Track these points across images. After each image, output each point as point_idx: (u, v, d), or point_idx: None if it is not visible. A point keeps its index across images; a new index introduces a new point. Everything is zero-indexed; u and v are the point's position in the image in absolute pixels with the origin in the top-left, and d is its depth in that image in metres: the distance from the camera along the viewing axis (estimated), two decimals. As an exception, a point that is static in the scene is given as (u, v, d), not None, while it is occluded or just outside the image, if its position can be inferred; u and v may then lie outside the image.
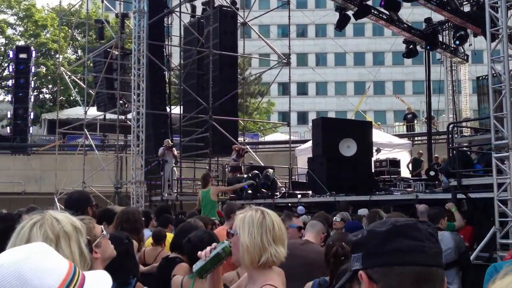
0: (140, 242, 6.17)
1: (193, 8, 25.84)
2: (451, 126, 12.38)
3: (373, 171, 17.79)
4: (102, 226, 3.16)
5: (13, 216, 4.42)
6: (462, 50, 24.49)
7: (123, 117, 24.74)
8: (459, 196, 10.47)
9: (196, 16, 25.29)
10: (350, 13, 21.34)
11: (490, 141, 9.87)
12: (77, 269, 1.66)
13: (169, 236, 7.49)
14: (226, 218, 7.59)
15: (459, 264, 7.57)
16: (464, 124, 19.75)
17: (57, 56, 42.25)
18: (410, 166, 21.24)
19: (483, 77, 18.53)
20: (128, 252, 4.55)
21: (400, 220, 1.61)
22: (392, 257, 1.51)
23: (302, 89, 72.58)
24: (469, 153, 13.57)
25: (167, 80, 24.64)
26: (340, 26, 22.10)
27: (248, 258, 2.76)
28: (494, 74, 10.39)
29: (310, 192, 16.51)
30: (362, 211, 10.31)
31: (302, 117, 67.67)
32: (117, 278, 4.22)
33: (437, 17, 22.51)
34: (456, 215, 9.12)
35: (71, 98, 44.95)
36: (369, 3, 21.23)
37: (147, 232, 8.29)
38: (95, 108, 27.07)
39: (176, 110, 24.69)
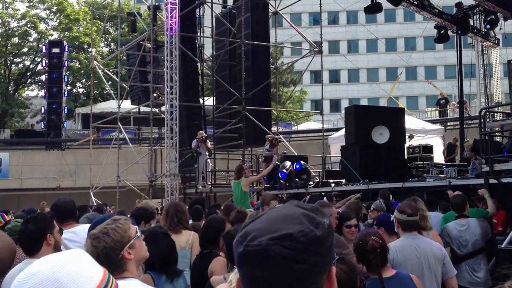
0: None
1: (224, -2, 26.00)
2: (483, 111, 12.34)
3: (406, 157, 17.76)
4: (137, 227, 3.16)
5: (46, 216, 4.54)
6: (493, 34, 24.23)
7: (157, 110, 25.00)
8: (492, 181, 10.49)
9: (228, 7, 25.36)
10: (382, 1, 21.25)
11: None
12: (110, 277, 1.78)
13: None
14: (262, 209, 7.74)
15: (486, 251, 7.53)
16: (496, 108, 19.57)
17: (90, 49, 42.82)
18: (445, 152, 21.17)
19: (514, 60, 18.36)
20: (174, 245, 4.74)
21: None
22: None
23: (334, 77, 72.29)
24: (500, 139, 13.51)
25: (199, 71, 24.80)
26: (372, 12, 22.02)
27: None
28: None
29: (343, 180, 16.59)
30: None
31: (335, 105, 67.51)
32: (168, 271, 4.44)
33: (468, 1, 22.30)
34: (489, 201, 9.13)
35: (105, 92, 45.35)
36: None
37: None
38: (128, 101, 27.37)
39: (209, 101, 24.87)
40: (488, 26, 22.41)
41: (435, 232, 6.91)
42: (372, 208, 8.20)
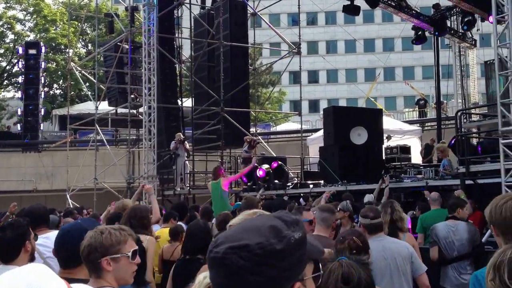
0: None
1: (203, -1, 25.94)
2: (459, 113, 12.44)
3: (384, 158, 17.85)
4: (137, 249, 3.11)
5: (23, 222, 4.43)
6: (470, 35, 24.44)
7: (135, 111, 24.88)
8: (468, 182, 10.57)
9: (206, 8, 25.32)
10: (359, 1, 21.29)
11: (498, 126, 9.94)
12: None
13: (164, 231, 7.63)
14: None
15: (473, 256, 7.51)
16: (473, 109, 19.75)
17: (67, 51, 42.42)
18: (422, 152, 21.28)
19: (491, 61, 18.53)
20: (144, 251, 4.67)
21: None
22: None
23: (313, 77, 72.54)
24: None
25: (178, 73, 24.74)
26: (350, 13, 22.06)
27: None
28: (500, 59, 10.45)
29: (322, 181, 16.61)
30: (368, 197, 10.39)
31: (314, 106, 67.74)
32: (135, 280, 4.36)
33: (445, 2, 22.46)
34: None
35: (82, 93, 45.02)
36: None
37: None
38: (106, 102, 27.17)
39: (187, 103, 24.80)
40: (465, 27, 22.64)
41: (411, 234, 6.92)
42: (338, 209, 8.22)
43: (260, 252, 1.37)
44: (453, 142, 12.97)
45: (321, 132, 20.56)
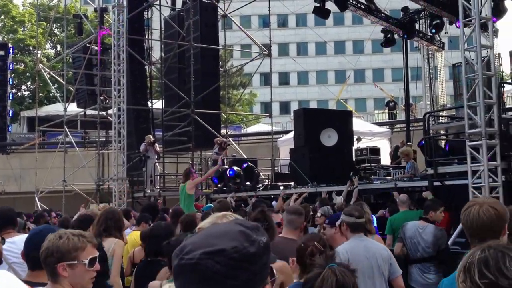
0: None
1: (173, 1, 25.82)
2: (427, 115, 12.59)
3: (354, 160, 17.97)
4: (96, 256, 3.07)
5: None
6: (438, 38, 24.76)
7: (104, 113, 24.70)
8: (436, 183, 10.70)
9: (176, 9, 25.23)
10: (329, 4, 21.41)
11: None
12: None
13: (135, 234, 7.60)
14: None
15: (437, 260, 7.61)
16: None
17: (36, 52, 41.93)
18: (392, 154, 21.47)
19: (459, 64, 18.80)
20: (105, 258, 4.65)
21: None
22: None
23: (284, 79, 72.76)
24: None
25: (148, 74, 24.61)
26: (320, 14, 22.14)
27: None
28: (467, 62, 10.59)
29: (292, 183, 16.64)
30: (338, 199, 10.46)
31: (285, 107, 67.94)
32: (95, 285, 4.34)
33: (414, 5, 22.71)
34: (432, 204, 9.32)
35: (51, 95, 44.58)
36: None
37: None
38: (75, 104, 26.93)
39: (158, 104, 24.68)
40: (433, 31, 22.98)
41: (379, 236, 6.99)
42: (320, 214, 8.31)
43: (236, 256, 1.39)
44: (423, 142, 13.13)
45: (291, 134, 20.62)
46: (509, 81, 20.37)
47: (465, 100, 10.00)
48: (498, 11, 19.44)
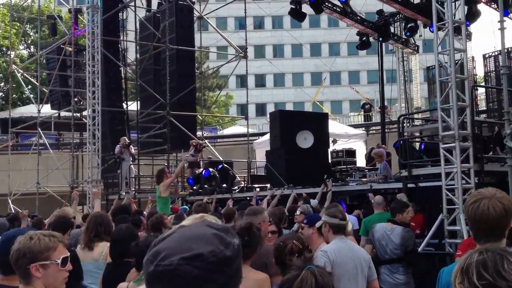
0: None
1: (149, 2, 25.69)
2: (401, 118, 12.69)
3: (330, 162, 18.05)
4: (69, 256, 3.06)
5: None
6: (413, 41, 25.00)
7: (78, 114, 24.49)
8: (410, 185, 10.79)
9: (152, 11, 25.11)
10: (305, 6, 21.50)
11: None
12: None
13: None
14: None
15: (405, 261, 7.76)
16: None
17: (9, 53, 41.43)
18: (367, 156, 21.61)
19: (433, 67, 19.00)
20: (76, 258, 4.63)
21: None
22: None
23: (260, 81, 72.83)
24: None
25: (123, 76, 24.44)
26: (296, 17, 22.22)
27: None
28: (441, 65, 10.69)
29: (268, 185, 16.65)
30: (312, 202, 10.50)
31: (261, 109, 68.00)
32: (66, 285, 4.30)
33: (389, 9, 22.89)
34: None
35: (24, 96, 44.13)
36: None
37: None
38: (49, 106, 26.65)
39: (133, 106, 24.52)
40: (408, 34, 23.19)
41: (353, 238, 7.03)
42: (299, 212, 8.35)
43: (214, 260, 1.39)
44: (397, 144, 13.25)
45: (267, 136, 20.64)
46: (482, 84, 20.64)
47: (438, 103, 10.08)
48: (472, 15, 19.68)
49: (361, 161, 20.34)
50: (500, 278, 1.82)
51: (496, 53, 17.68)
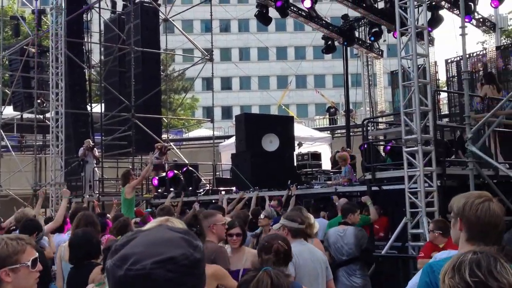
0: None
1: (113, 4, 25.45)
2: (365, 121, 12.82)
3: (295, 165, 18.11)
4: (37, 257, 3.03)
5: None
6: (377, 46, 25.30)
7: (42, 116, 24.17)
8: (374, 188, 10.89)
9: (117, 12, 24.89)
10: (271, 10, 21.56)
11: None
12: None
13: None
14: None
15: (362, 260, 7.89)
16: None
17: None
18: (332, 159, 21.76)
19: (396, 71, 19.25)
20: (44, 259, 4.58)
21: None
22: None
23: (226, 84, 72.81)
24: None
25: (87, 78, 24.18)
26: (262, 20, 22.27)
27: None
28: (404, 70, 10.84)
29: (234, 188, 16.64)
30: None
31: (227, 112, 67.96)
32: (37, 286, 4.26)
33: (354, 13, 23.11)
34: (371, 208, 9.50)
35: (-14, 97, 43.32)
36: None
37: (59, 238, 8.20)
38: (11, 107, 26.28)
39: (97, 108, 24.26)
40: (372, 38, 23.50)
41: (318, 240, 7.09)
42: (263, 216, 8.38)
43: (186, 263, 1.41)
44: (362, 147, 13.39)
45: (233, 139, 20.62)
46: (445, 88, 20.98)
47: (401, 107, 10.21)
48: (434, 20, 20.03)
49: (326, 164, 20.47)
50: (492, 278, 1.86)
51: (458, 58, 17.97)
